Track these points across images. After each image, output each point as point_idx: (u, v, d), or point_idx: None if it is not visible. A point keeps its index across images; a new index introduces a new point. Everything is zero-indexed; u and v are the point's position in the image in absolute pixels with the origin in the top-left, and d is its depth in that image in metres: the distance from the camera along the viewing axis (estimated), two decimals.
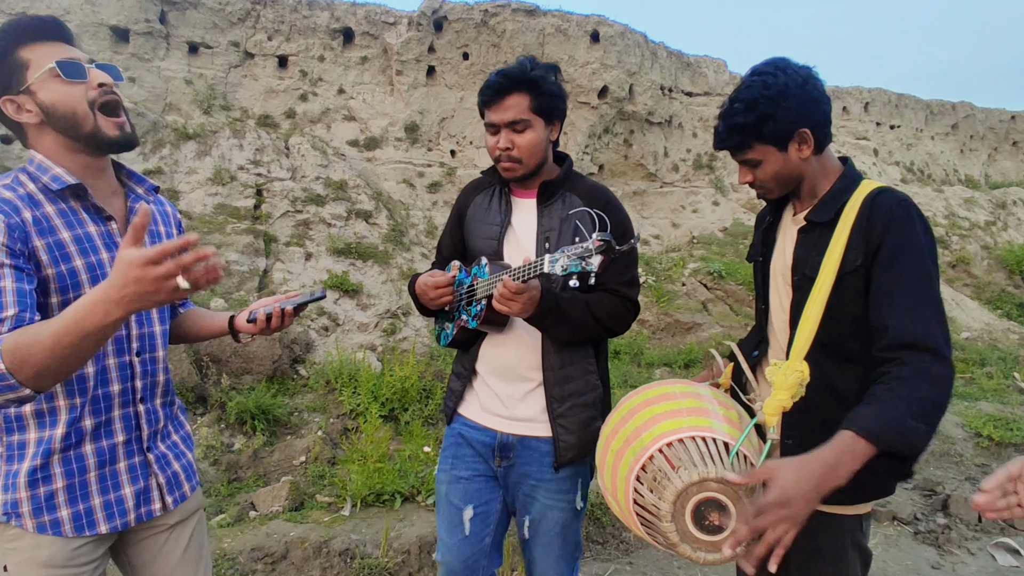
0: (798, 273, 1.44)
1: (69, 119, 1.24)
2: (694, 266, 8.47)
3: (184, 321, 1.64)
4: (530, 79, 1.63)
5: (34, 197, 1.24)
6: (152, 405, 1.41)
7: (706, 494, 1.18)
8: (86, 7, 7.26)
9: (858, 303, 1.34)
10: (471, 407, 1.82)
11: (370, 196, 7.32)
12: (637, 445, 1.30)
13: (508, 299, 1.50)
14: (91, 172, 1.32)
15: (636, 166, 10.05)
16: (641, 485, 1.25)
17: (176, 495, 1.44)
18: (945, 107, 14.33)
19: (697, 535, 1.18)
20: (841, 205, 1.39)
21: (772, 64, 1.41)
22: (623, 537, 3.35)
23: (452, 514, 1.79)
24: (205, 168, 6.73)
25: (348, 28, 8.39)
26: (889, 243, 1.29)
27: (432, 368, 4.93)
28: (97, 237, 1.30)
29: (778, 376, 1.38)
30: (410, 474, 3.55)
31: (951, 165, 14.22)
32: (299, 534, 2.98)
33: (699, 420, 1.29)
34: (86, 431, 1.28)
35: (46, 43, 1.25)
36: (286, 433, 4.22)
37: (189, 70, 7.72)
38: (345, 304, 5.94)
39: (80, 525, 1.28)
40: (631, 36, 9.22)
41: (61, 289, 1.23)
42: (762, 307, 1.59)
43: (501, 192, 1.80)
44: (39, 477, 1.25)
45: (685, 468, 1.20)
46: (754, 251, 1.67)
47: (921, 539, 3.55)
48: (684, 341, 6.94)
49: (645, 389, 1.48)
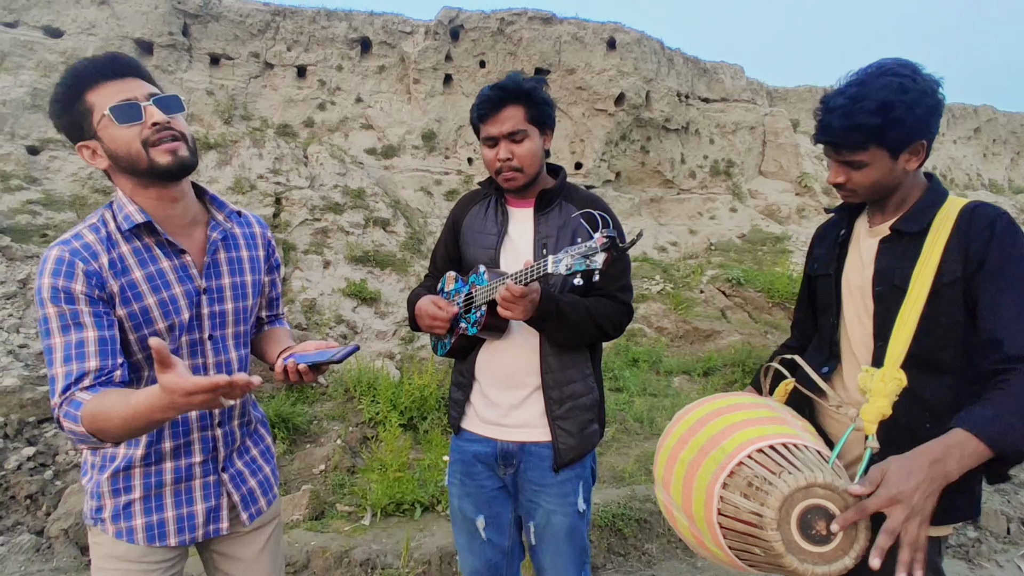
0: (882, 284, 1.41)
1: (128, 160, 1.26)
2: (712, 273, 8.40)
3: (262, 339, 1.62)
4: (524, 91, 1.68)
5: (112, 237, 1.28)
6: (229, 428, 1.46)
7: (812, 501, 1.10)
8: (111, 21, 7.40)
9: (953, 315, 1.33)
10: (471, 420, 1.85)
11: (388, 204, 7.36)
12: (719, 453, 1.24)
13: (511, 302, 1.51)
14: (164, 204, 1.33)
15: (653, 173, 10.01)
16: (731, 493, 1.18)
17: (252, 510, 1.49)
18: (967, 111, 14.13)
19: (804, 545, 1.10)
20: (932, 216, 1.38)
21: (908, 67, 1.34)
22: (645, 549, 3.31)
23: (467, 525, 1.84)
24: (226, 177, 6.82)
25: (366, 38, 8.47)
26: (993, 256, 1.28)
27: (450, 377, 4.93)
28: (170, 272, 1.32)
29: (875, 383, 1.35)
30: (430, 483, 3.54)
31: (974, 170, 13.99)
32: (320, 543, 2.99)
33: (782, 428, 1.25)
34: (165, 452, 1.36)
35: (108, 83, 1.25)
36: (306, 442, 4.24)
37: (211, 81, 7.83)
38: (363, 312, 5.97)
39: (152, 535, 1.36)
40: (648, 43, 9.21)
41: (135, 327, 1.27)
42: (833, 322, 1.54)
43: (497, 202, 1.84)
44: (121, 486, 1.35)
45: (789, 472, 1.12)
46: (822, 264, 1.61)
47: (952, 553, 3.47)
48: (703, 349, 6.87)
49: (708, 401, 1.44)
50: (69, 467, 3.46)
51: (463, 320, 1.75)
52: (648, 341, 6.83)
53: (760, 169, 11.19)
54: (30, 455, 3.37)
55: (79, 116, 1.26)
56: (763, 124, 11.02)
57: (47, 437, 3.55)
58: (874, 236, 1.47)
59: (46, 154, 6.48)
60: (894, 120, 1.30)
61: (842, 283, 1.52)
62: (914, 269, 1.35)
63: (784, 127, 11.01)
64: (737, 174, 10.64)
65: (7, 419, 3.50)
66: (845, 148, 1.37)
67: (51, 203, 6.01)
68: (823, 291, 1.59)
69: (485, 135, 1.73)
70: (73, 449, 3.50)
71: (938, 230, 1.35)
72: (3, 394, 3.53)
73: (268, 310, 1.66)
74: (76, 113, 1.26)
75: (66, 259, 1.21)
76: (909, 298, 1.35)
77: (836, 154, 1.40)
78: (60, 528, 3.05)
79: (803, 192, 10.76)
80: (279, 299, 1.69)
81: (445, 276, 1.89)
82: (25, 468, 3.33)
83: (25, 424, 3.53)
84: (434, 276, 1.98)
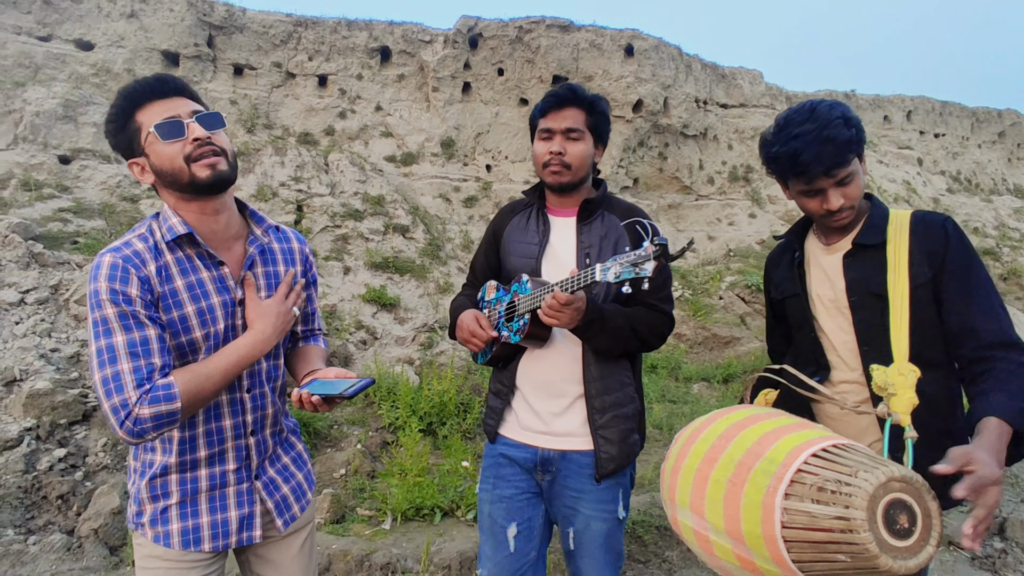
0: (856, 294, 1.52)
1: (171, 175, 1.31)
2: (731, 279, 8.35)
3: (295, 356, 1.64)
4: (588, 98, 1.76)
5: (158, 247, 1.34)
6: (262, 436, 1.49)
7: (892, 495, 1.09)
8: (139, 34, 7.60)
9: (932, 313, 1.46)
10: (510, 427, 1.85)
11: (407, 211, 7.43)
12: (767, 464, 1.19)
13: (557, 310, 1.53)
14: (206, 217, 1.38)
15: (671, 179, 9.99)
16: (798, 503, 1.12)
17: (286, 516, 1.52)
18: (991, 115, 13.91)
19: (893, 542, 1.07)
20: (884, 228, 1.51)
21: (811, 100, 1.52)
22: (665, 556, 3.30)
23: (496, 532, 1.82)
24: (249, 185, 6.94)
25: (385, 47, 8.58)
26: (953, 256, 1.43)
27: (469, 382, 4.96)
28: (209, 282, 1.37)
29: (896, 378, 1.41)
30: (449, 489, 3.57)
31: (999, 174, 13.74)
32: (341, 547, 3.02)
33: (820, 431, 1.24)
34: (200, 459, 1.40)
35: (156, 102, 1.31)
36: (326, 446, 4.29)
37: (234, 91, 7.99)
38: (383, 318, 6.03)
39: (187, 540, 1.39)
40: (665, 49, 9.21)
41: (173, 334, 1.31)
42: (812, 335, 1.62)
43: (539, 212, 1.85)
44: (159, 492, 1.39)
45: (865, 471, 1.10)
46: (786, 286, 1.69)
47: (978, 564, 3.41)
48: (722, 355, 6.83)
49: (719, 418, 1.41)
50: (99, 468, 3.55)
51: (505, 328, 1.76)
52: (667, 347, 6.81)
53: None
54: (61, 456, 3.46)
55: (130, 135, 1.32)
56: None
57: (78, 439, 3.64)
58: (833, 253, 1.58)
59: (77, 163, 6.66)
60: (858, 129, 1.45)
61: (811, 301, 1.62)
62: (887, 276, 1.47)
63: None
64: (756, 180, 10.58)
65: (39, 421, 3.60)
66: (838, 167, 1.43)
67: (81, 211, 6.17)
68: (795, 310, 1.67)
69: (543, 127, 1.76)
70: (103, 451, 3.59)
71: (895, 239, 1.48)
72: (35, 397, 3.63)
73: (304, 325, 1.67)
74: (128, 132, 1.32)
75: (120, 264, 1.26)
76: (893, 303, 1.46)
77: (830, 176, 1.44)
78: (90, 528, 3.13)
79: None
80: (316, 314, 1.70)
81: (486, 285, 1.90)
82: (56, 469, 3.42)
83: (56, 426, 3.62)
84: (473, 284, 2.00)
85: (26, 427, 3.52)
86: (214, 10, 7.98)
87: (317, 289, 1.71)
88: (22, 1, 7.37)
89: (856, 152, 1.46)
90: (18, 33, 7.29)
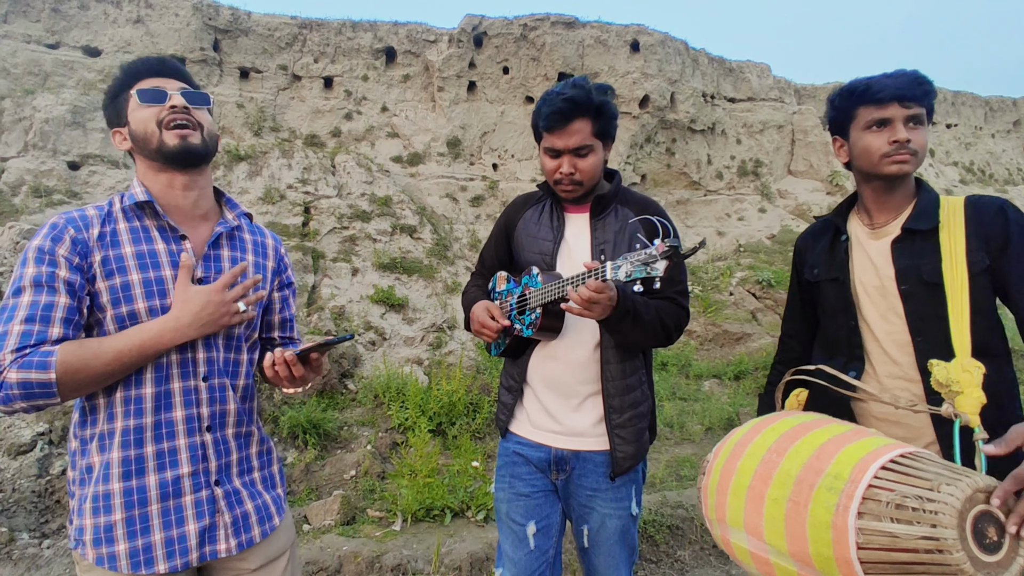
0: (907, 282, 1.45)
1: (142, 139, 1.30)
2: (742, 275, 8.28)
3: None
4: (595, 105, 1.62)
5: (113, 215, 1.30)
6: (222, 435, 1.33)
7: (979, 508, 1.02)
8: (146, 39, 7.64)
9: (990, 301, 1.42)
10: (521, 424, 1.83)
11: (414, 211, 7.43)
12: (831, 480, 1.09)
13: (591, 301, 1.45)
14: (174, 192, 1.34)
15: (679, 175, 9.93)
16: (874, 522, 1.04)
17: (243, 538, 1.32)
18: (1005, 103, 13.71)
19: (984, 558, 1.00)
20: (937, 212, 1.45)
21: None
22: (677, 556, 3.27)
23: (516, 530, 1.80)
24: (256, 188, 6.96)
25: (390, 47, 8.58)
26: (1016, 238, 1.38)
27: (479, 382, 4.94)
28: (163, 254, 1.29)
29: (959, 375, 1.33)
30: (460, 489, 3.56)
31: (1014, 164, 13.55)
32: (352, 548, 3.02)
33: (880, 439, 1.15)
34: (147, 458, 1.23)
35: (152, 79, 1.33)
36: (336, 447, 4.29)
37: (240, 94, 8.02)
38: (391, 319, 6.03)
39: (137, 562, 1.21)
40: (671, 44, 9.15)
41: (113, 302, 1.23)
42: (851, 323, 1.54)
43: (553, 207, 1.82)
44: (100, 505, 1.21)
45: (948, 484, 1.02)
46: (823, 270, 1.62)
47: None
48: (733, 352, 6.78)
49: (766, 426, 1.31)
50: None
51: (517, 322, 1.74)
52: (677, 344, 6.76)
53: (789, 168, 11.01)
54: None
55: (120, 105, 1.33)
56: (791, 123, 10.85)
57: None
58: (879, 238, 1.52)
59: (86, 169, 6.71)
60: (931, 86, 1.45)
61: (853, 287, 1.54)
62: (942, 263, 1.40)
63: (813, 125, 10.82)
64: (765, 174, 10.49)
65: (51, 426, 3.62)
66: (914, 100, 1.43)
67: None
68: (833, 295, 1.59)
69: (549, 145, 1.67)
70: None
71: (949, 225, 1.42)
72: None
73: (281, 331, 1.56)
74: (119, 102, 1.34)
75: (60, 224, 1.24)
76: (951, 292, 1.39)
77: (903, 108, 1.44)
78: None
79: (834, 191, 10.55)
80: (292, 322, 1.58)
81: (496, 276, 1.88)
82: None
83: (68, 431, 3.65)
84: (482, 274, 1.99)
85: (39, 432, 3.54)
86: (219, 14, 8.01)
87: (295, 293, 1.61)
88: (31, 9, 7.43)
89: (930, 104, 1.46)
90: (28, 42, 7.35)
